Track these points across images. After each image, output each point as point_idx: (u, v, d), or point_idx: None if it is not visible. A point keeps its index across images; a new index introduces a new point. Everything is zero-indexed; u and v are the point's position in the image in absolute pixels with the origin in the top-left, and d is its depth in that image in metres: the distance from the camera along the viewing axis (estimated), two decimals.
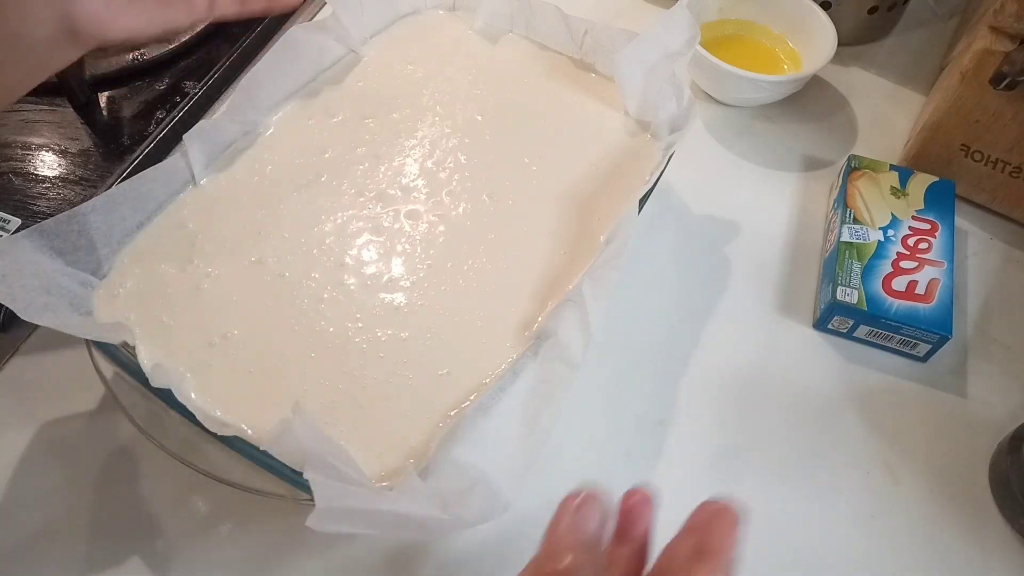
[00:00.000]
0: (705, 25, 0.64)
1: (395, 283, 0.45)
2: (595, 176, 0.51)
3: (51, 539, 0.41)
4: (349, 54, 0.56)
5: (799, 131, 0.63)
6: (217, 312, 0.43)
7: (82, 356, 0.41)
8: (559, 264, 0.46)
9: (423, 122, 0.53)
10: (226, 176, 0.48)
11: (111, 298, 0.43)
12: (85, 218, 0.42)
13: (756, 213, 0.58)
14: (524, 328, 0.43)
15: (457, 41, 0.58)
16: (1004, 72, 0.50)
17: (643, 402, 0.48)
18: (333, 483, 0.33)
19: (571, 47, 0.57)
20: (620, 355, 0.50)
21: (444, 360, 0.42)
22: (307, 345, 0.42)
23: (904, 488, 0.46)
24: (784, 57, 0.66)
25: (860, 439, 0.47)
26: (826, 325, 0.51)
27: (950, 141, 0.56)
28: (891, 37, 0.72)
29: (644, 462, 0.46)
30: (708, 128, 0.63)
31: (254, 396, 0.40)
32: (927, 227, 0.52)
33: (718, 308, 0.53)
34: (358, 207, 0.48)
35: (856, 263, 0.50)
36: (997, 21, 0.51)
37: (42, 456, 0.44)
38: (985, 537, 0.44)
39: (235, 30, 0.64)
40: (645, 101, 0.53)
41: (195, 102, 0.59)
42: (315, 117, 0.52)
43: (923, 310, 0.48)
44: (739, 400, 0.49)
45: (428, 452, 0.39)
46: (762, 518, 0.44)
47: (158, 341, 0.41)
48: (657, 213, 0.56)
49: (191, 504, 0.43)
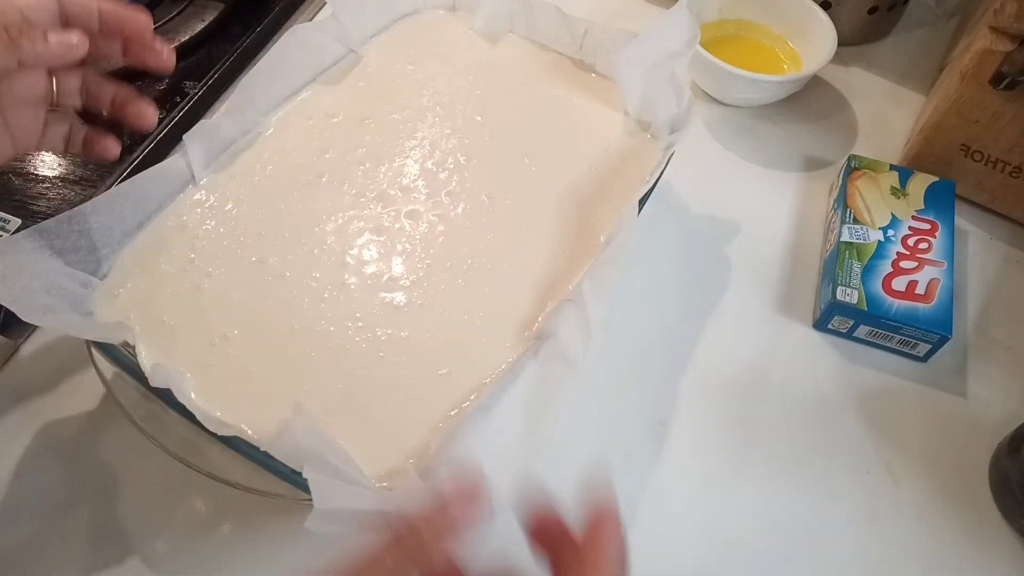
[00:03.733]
0: (705, 25, 0.64)
1: (395, 282, 0.45)
2: (595, 176, 0.51)
3: (51, 539, 0.41)
4: (349, 54, 0.56)
5: (799, 131, 0.63)
6: (217, 312, 0.43)
7: (82, 356, 0.41)
8: (559, 264, 0.46)
9: (423, 122, 0.53)
10: (226, 176, 0.48)
11: (111, 298, 0.43)
12: (85, 218, 0.42)
13: (756, 213, 0.58)
14: (524, 328, 0.43)
15: (457, 41, 0.58)
16: (1004, 72, 0.50)
17: (643, 402, 0.48)
18: (332, 483, 0.33)
19: (571, 47, 0.57)
20: (620, 355, 0.50)
21: (444, 360, 0.42)
22: (307, 345, 0.42)
23: (904, 488, 0.46)
24: (784, 57, 0.66)
25: (860, 439, 0.47)
26: (826, 325, 0.51)
27: (950, 141, 0.56)
28: (891, 37, 0.72)
29: (644, 462, 0.46)
30: (708, 128, 0.63)
31: (254, 396, 0.40)
32: (927, 227, 0.52)
33: (718, 308, 0.53)
34: (359, 207, 0.48)
35: (856, 263, 0.50)
36: (997, 21, 0.51)
37: (42, 456, 0.44)
38: (985, 537, 0.44)
39: (235, 30, 0.64)
40: (645, 101, 0.53)
41: (195, 102, 0.59)
42: (315, 117, 0.52)
43: (923, 310, 0.48)
44: (739, 400, 0.49)
45: (428, 452, 0.39)
46: (762, 518, 0.45)
47: (158, 341, 0.41)
48: (657, 213, 0.56)
49: (191, 504, 0.43)
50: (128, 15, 0.42)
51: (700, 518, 0.44)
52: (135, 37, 0.43)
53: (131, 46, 0.43)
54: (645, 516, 0.44)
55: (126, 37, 0.43)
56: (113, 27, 0.42)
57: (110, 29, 0.42)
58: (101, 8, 0.42)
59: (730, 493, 0.45)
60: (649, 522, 0.44)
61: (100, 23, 0.42)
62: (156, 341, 0.41)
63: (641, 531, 0.43)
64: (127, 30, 0.42)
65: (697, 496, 0.45)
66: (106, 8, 0.42)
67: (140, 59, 0.43)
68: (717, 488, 0.45)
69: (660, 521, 0.44)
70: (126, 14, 0.42)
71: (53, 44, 0.39)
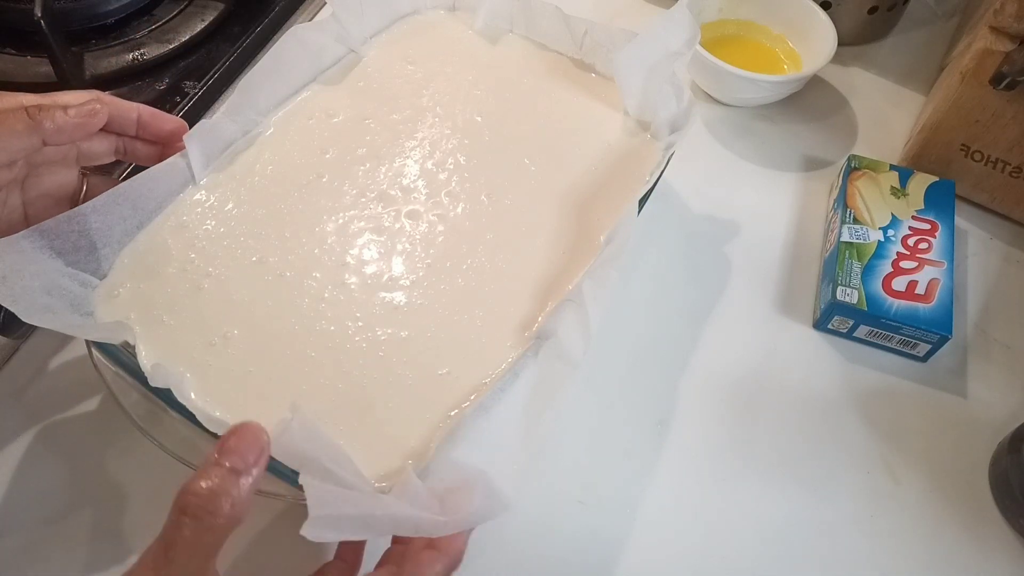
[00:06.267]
0: (705, 25, 0.64)
1: (395, 282, 0.45)
2: (595, 176, 0.51)
3: (51, 539, 0.41)
4: (349, 54, 0.56)
5: (799, 131, 0.63)
6: (217, 312, 0.43)
7: (82, 356, 0.41)
8: (559, 264, 0.46)
9: (423, 123, 0.53)
10: (226, 176, 0.48)
11: (111, 298, 0.43)
12: (85, 218, 0.42)
13: (756, 213, 0.58)
14: (524, 328, 0.43)
15: (457, 41, 0.58)
16: (1004, 72, 0.50)
17: (642, 402, 0.48)
18: (329, 488, 0.33)
19: (571, 47, 0.57)
20: (620, 355, 0.50)
21: (444, 360, 0.42)
22: (307, 345, 0.42)
23: (904, 488, 0.46)
24: (784, 57, 0.66)
25: (860, 439, 0.47)
26: (826, 325, 0.51)
27: (950, 141, 0.56)
28: (891, 37, 0.72)
29: (644, 462, 0.46)
30: (708, 128, 0.63)
31: (254, 396, 0.40)
32: (927, 227, 0.52)
33: (718, 308, 0.53)
34: (359, 207, 0.48)
35: (856, 263, 0.50)
36: (997, 21, 0.51)
37: (42, 456, 0.44)
38: (985, 537, 0.44)
39: (235, 30, 0.64)
40: (645, 101, 0.53)
41: (195, 102, 0.59)
42: (315, 117, 0.52)
43: (923, 310, 0.48)
44: (739, 400, 0.49)
45: (428, 452, 0.38)
46: (762, 518, 0.45)
47: (158, 341, 0.41)
48: (657, 213, 0.56)
49: None
50: (165, 120, 0.45)
51: (700, 518, 0.44)
52: (171, 143, 0.45)
53: (168, 152, 0.46)
54: (645, 516, 0.44)
55: (163, 143, 0.45)
56: (151, 132, 0.44)
57: (147, 133, 0.44)
58: (140, 112, 0.44)
59: (730, 493, 0.45)
60: (649, 522, 0.44)
61: (138, 127, 0.44)
62: (156, 341, 0.41)
63: (641, 531, 0.43)
64: (163, 136, 0.45)
65: (697, 496, 0.45)
66: (145, 113, 0.44)
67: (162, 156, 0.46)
68: (717, 488, 0.46)
69: (660, 521, 0.44)
70: (163, 120, 0.45)
71: (72, 114, 0.40)
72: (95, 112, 0.40)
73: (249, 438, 0.31)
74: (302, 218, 0.47)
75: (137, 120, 0.43)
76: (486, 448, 0.37)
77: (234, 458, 0.30)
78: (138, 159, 0.46)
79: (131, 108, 0.43)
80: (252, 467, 0.30)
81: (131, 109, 0.43)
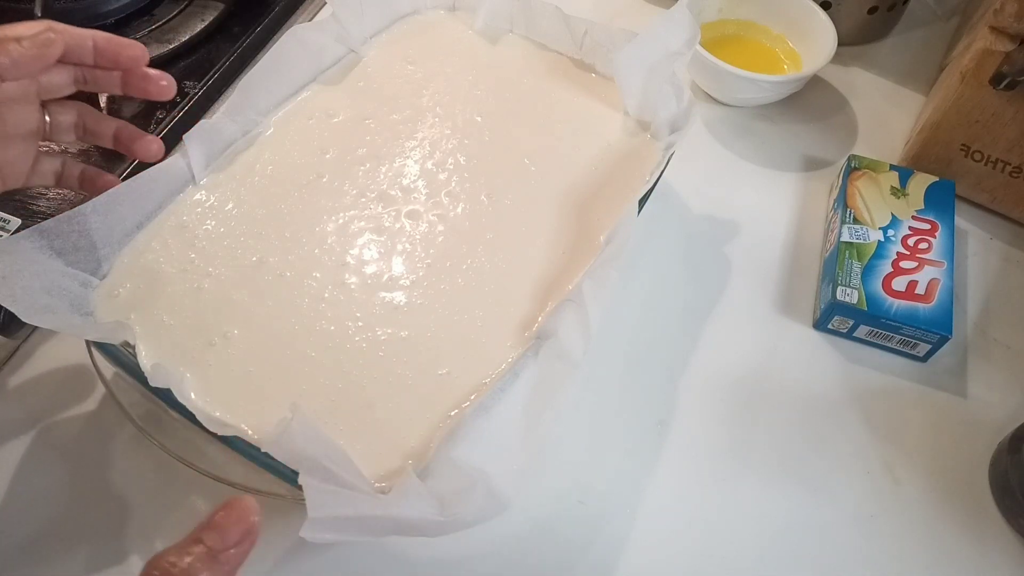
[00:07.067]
0: (705, 25, 0.64)
1: (395, 282, 0.45)
2: (595, 176, 0.51)
3: (51, 539, 0.41)
4: (349, 54, 0.56)
5: (799, 131, 0.63)
6: (217, 312, 0.43)
7: (82, 356, 0.41)
8: (559, 264, 0.46)
9: (423, 123, 0.53)
10: (226, 176, 0.48)
11: (111, 298, 0.43)
12: (85, 218, 0.42)
13: (756, 213, 0.58)
14: (524, 328, 0.43)
15: (457, 41, 0.58)
16: (1004, 72, 0.50)
17: (643, 402, 0.48)
18: (328, 489, 0.33)
19: (571, 47, 0.57)
20: (620, 355, 0.50)
21: (444, 360, 0.42)
22: (307, 345, 0.42)
23: (904, 488, 0.46)
24: (784, 57, 0.66)
25: (860, 439, 0.47)
26: (826, 325, 0.51)
27: (950, 141, 0.56)
28: (891, 37, 0.72)
29: (644, 462, 0.46)
30: (708, 128, 0.63)
31: (254, 396, 0.40)
32: (927, 227, 0.52)
33: (718, 308, 0.53)
34: (359, 207, 0.48)
35: (856, 263, 0.50)
36: (997, 21, 0.51)
37: (42, 456, 0.44)
38: (985, 537, 0.44)
39: (235, 30, 0.64)
40: (645, 101, 0.53)
41: (195, 102, 0.59)
42: (315, 117, 0.52)
43: (923, 310, 0.48)
44: (739, 400, 0.49)
45: (428, 452, 0.39)
46: (762, 518, 0.45)
47: (158, 341, 0.41)
48: (657, 213, 0.56)
49: (191, 504, 0.42)
50: (122, 46, 0.43)
51: (700, 518, 0.44)
52: (131, 68, 0.43)
53: (129, 77, 0.44)
54: (645, 516, 0.44)
55: (123, 68, 0.43)
56: (108, 58, 0.43)
57: (105, 60, 0.43)
58: (95, 40, 0.42)
59: (729, 493, 0.45)
60: (649, 522, 0.44)
61: (95, 55, 0.42)
62: (156, 341, 0.41)
63: (641, 531, 0.43)
64: (122, 61, 0.43)
65: (697, 496, 0.45)
66: (100, 40, 0.42)
67: (139, 89, 0.44)
68: (717, 488, 0.45)
69: (660, 521, 0.44)
70: (120, 45, 0.43)
71: (27, 45, 0.38)
72: (50, 41, 0.39)
73: (235, 516, 0.29)
74: (302, 218, 0.47)
75: (93, 47, 0.42)
76: (486, 448, 0.37)
77: (214, 537, 0.28)
78: (99, 87, 0.44)
79: (86, 35, 0.42)
80: (231, 548, 0.28)
81: (86, 36, 0.42)
